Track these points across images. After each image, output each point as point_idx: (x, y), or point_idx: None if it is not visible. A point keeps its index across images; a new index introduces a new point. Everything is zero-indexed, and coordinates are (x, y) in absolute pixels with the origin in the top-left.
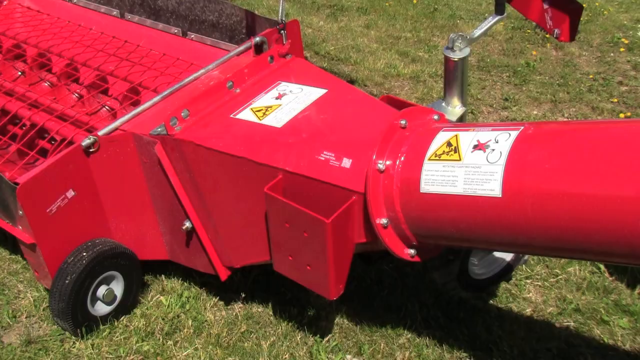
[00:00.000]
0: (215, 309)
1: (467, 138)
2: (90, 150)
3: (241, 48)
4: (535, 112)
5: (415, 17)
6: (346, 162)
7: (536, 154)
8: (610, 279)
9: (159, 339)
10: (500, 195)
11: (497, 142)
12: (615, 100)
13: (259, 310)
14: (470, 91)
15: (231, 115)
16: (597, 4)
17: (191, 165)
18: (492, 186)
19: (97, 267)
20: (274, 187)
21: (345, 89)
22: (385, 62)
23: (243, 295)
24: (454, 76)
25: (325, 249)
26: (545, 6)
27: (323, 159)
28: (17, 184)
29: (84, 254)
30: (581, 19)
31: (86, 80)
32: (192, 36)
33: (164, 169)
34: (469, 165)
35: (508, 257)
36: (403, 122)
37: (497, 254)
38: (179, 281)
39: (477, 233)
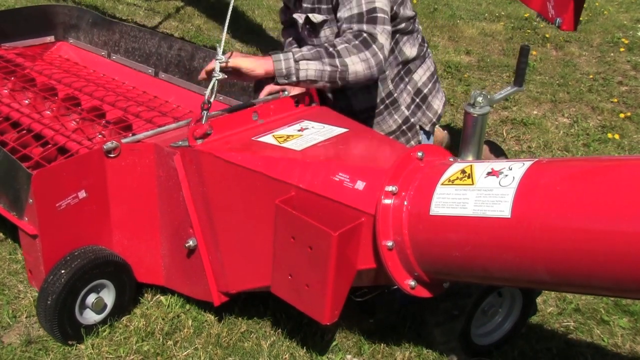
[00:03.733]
0: (215, 308)
1: (481, 167)
2: (110, 155)
3: (269, 97)
4: (535, 112)
5: None
6: (360, 185)
7: (548, 178)
8: None
9: (159, 339)
10: (509, 216)
11: (510, 170)
12: (615, 100)
13: (260, 310)
14: (469, 92)
15: (252, 138)
16: (597, 4)
17: (206, 178)
18: (502, 207)
19: (77, 282)
20: (285, 201)
21: (367, 130)
22: None
23: (243, 295)
24: (472, 132)
25: (327, 265)
26: None
27: (337, 179)
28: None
29: (62, 271)
30: (581, 19)
31: (111, 118)
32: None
33: (179, 180)
34: (481, 189)
35: (510, 323)
36: (420, 153)
37: (499, 318)
38: None
39: (482, 257)
